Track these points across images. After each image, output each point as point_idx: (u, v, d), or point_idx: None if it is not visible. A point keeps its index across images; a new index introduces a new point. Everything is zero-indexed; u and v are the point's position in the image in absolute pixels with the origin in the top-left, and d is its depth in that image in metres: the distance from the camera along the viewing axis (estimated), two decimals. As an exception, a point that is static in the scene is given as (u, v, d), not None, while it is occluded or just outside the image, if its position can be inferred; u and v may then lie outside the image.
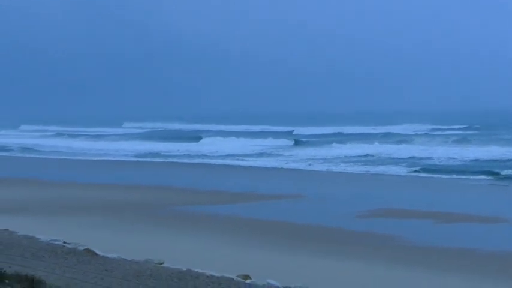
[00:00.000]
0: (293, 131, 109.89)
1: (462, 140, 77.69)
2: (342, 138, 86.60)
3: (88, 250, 18.03)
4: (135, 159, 65.92)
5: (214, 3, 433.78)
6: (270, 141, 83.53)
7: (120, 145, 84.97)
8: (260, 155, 67.08)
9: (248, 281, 15.66)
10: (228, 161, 60.98)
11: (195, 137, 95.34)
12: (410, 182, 44.46)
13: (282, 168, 54.66)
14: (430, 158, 58.17)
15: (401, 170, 50.45)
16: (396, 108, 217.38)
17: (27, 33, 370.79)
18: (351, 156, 61.41)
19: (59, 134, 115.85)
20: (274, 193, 36.80)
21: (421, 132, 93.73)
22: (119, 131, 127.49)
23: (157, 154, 70.59)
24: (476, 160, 56.02)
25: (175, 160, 63.76)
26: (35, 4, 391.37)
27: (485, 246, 22.68)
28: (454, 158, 57.80)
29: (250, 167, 55.92)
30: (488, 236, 24.85)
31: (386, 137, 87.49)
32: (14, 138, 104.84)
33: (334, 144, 75.16)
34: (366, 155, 62.06)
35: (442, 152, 61.88)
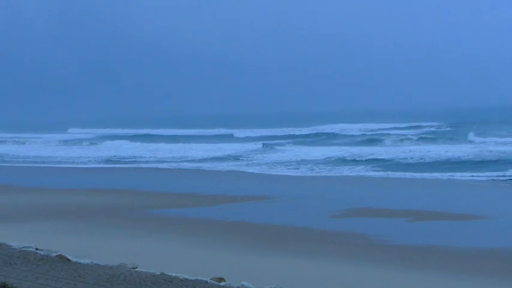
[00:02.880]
0: (233, 134, 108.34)
1: (432, 139, 78.37)
2: (310, 139, 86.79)
3: (61, 256, 17.87)
4: (97, 165, 65.16)
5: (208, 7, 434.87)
6: (238, 145, 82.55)
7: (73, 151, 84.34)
8: (235, 158, 66.77)
9: (222, 283, 15.65)
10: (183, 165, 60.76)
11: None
12: (377, 182, 44.61)
13: (250, 172, 54.26)
14: (398, 158, 58.61)
15: (369, 170, 50.65)
16: (393, 109, 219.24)
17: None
18: (319, 159, 60.94)
19: (1, 142, 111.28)
20: (247, 195, 36.76)
21: (394, 132, 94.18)
22: (65, 136, 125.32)
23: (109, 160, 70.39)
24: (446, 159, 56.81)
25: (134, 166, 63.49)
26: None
27: (469, 244, 22.74)
28: (427, 156, 58.27)
29: (219, 171, 55.62)
30: (471, 234, 24.93)
31: (352, 137, 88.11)
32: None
33: (293, 146, 75.50)
34: (330, 157, 61.79)
35: (413, 151, 62.46)
